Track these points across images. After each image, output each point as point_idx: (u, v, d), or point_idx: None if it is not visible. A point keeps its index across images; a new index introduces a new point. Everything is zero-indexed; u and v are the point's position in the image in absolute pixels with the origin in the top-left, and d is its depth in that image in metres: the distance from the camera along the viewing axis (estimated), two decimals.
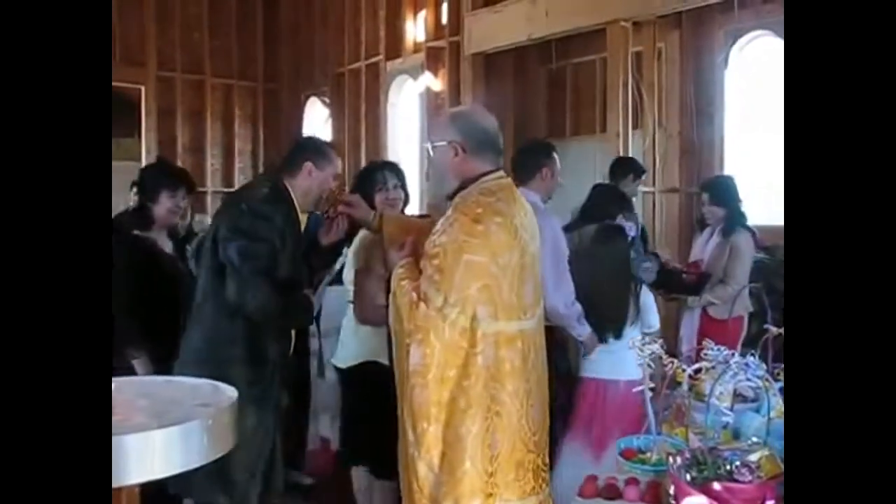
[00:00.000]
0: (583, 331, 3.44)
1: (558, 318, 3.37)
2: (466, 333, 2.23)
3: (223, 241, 2.78)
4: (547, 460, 2.44)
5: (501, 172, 2.44)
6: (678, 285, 4.59)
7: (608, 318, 3.50)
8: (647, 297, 3.69)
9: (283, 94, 11.43)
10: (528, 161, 3.61)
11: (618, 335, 3.48)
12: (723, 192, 4.67)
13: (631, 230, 3.64)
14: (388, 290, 2.45)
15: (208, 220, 10.31)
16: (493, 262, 2.24)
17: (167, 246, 3.48)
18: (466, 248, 2.23)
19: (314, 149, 3.11)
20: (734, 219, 4.55)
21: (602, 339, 3.48)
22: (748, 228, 4.71)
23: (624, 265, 3.55)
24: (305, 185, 2.98)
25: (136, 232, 3.34)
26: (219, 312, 2.80)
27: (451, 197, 2.40)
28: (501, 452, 2.25)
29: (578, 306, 3.44)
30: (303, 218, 3.02)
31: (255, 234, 2.76)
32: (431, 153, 2.47)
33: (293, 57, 11.21)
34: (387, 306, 2.43)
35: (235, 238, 2.76)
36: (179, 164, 10.72)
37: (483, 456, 2.24)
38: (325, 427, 4.72)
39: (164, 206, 3.40)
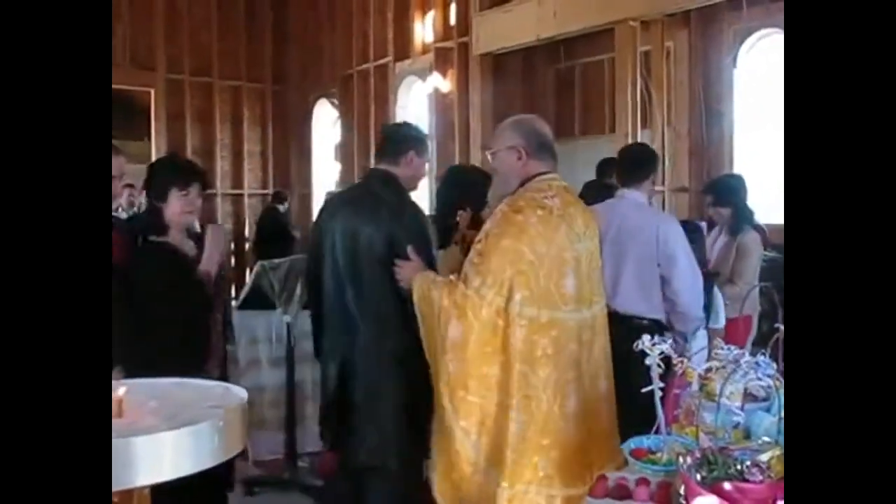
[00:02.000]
0: (693, 339, 3.47)
1: (686, 323, 3.46)
2: (502, 313, 2.38)
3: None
4: (593, 459, 2.43)
5: (555, 175, 2.60)
6: None
7: None
8: (718, 296, 3.70)
9: (292, 96, 11.47)
10: (640, 168, 3.72)
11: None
12: (726, 193, 4.62)
13: None
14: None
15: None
16: (529, 250, 2.38)
17: (188, 247, 3.10)
18: (505, 235, 2.40)
19: (416, 136, 3.23)
20: (741, 217, 4.51)
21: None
22: (757, 227, 4.68)
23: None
24: (409, 173, 3.12)
25: (151, 237, 3.02)
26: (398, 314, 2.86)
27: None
28: (527, 437, 2.36)
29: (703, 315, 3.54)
30: None
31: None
32: (493, 158, 2.66)
33: (301, 58, 11.25)
34: (411, 302, 2.60)
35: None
36: None
37: (511, 433, 2.36)
38: None
39: (175, 205, 3.00)
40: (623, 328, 3.31)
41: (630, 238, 3.46)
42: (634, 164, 3.74)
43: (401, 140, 3.17)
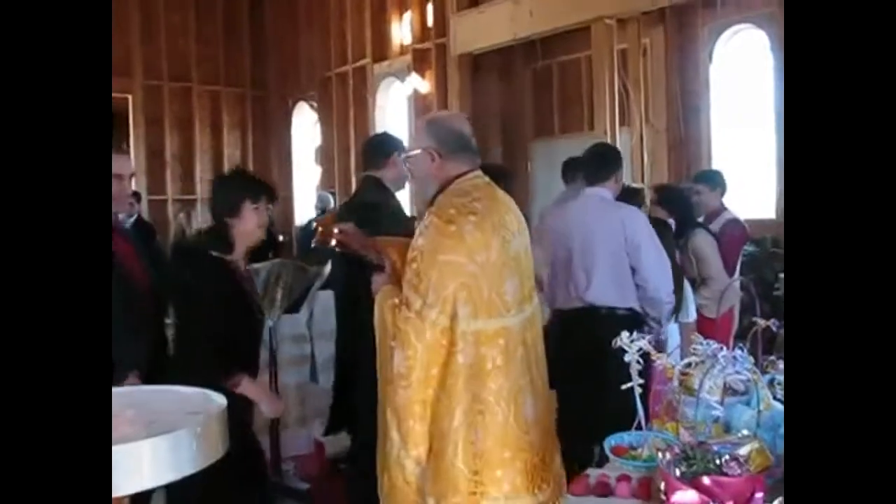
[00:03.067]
0: (667, 324, 3.62)
1: (657, 307, 3.57)
2: (447, 332, 2.24)
3: None
4: (551, 460, 2.40)
5: (478, 172, 2.45)
6: None
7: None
8: (688, 290, 3.76)
9: (271, 100, 11.43)
10: (603, 166, 3.81)
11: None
12: (669, 200, 4.61)
13: None
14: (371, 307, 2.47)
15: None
16: (469, 260, 2.24)
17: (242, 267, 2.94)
18: (441, 249, 2.24)
19: (394, 140, 3.45)
20: (685, 223, 4.49)
21: None
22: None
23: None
24: (394, 174, 3.29)
25: (215, 254, 2.83)
26: None
27: (432, 202, 2.41)
28: (486, 450, 2.24)
29: (673, 298, 3.64)
30: None
31: None
32: (409, 163, 2.50)
33: (280, 62, 11.22)
34: (371, 318, 2.45)
35: None
36: (168, 172, 10.76)
37: (466, 453, 2.24)
38: (318, 432, 4.73)
39: (250, 219, 2.83)
40: (599, 320, 3.51)
41: (598, 233, 3.59)
42: (599, 164, 3.84)
43: (380, 145, 3.34)
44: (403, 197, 3.63)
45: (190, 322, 2.76)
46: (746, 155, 6.33)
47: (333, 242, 2.91)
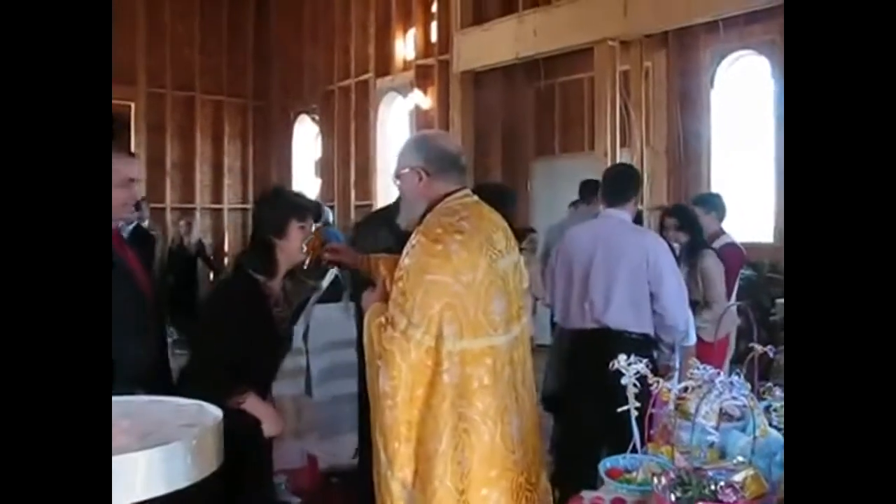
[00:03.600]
0: (679, 351, 3.55)
1: (673, 334, 3.54)
2: (432, 352, 2.23)
3: None
4: (538, 479, 2.39)
5: (467, 191, 2.45)
6: None
7: None
8: (689, 315, 3.77)
9: (273, 112, 11.46)
10: (625, 188, 3.76)
11: None
12: (688, 218, 4.62)
13: None
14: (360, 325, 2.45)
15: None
16: (455, 280, 2.24)
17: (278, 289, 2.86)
18: (427, 269, 2.23)
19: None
20: (697, 243, 4.49)
21: None
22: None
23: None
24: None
25: (255, 276, 2.75)
26: None
27: (420, 221, 2.40)
28: (472, 470, 2.24)
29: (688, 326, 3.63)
30: None
31: None
32: (397, 182, 2.48)
33: (283, 74, 11.26)
34: (361, 336, 2.44)
35: None
36: (168, 180, 10.78)
37: (453, 473, 2.23)
38: (311, 445, 4.71)
39: (296, 239, 2.75)
40: (614, 343, 3.41)
41: (619, 257, 3.55)
42: (619, 185, 3.80)
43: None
44: None
45: (209, 335, 2.74)
46: (745, 179, 6.35)
47: (326, 259, 2.87)
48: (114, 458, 1.32)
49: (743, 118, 6.47)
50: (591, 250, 3.62)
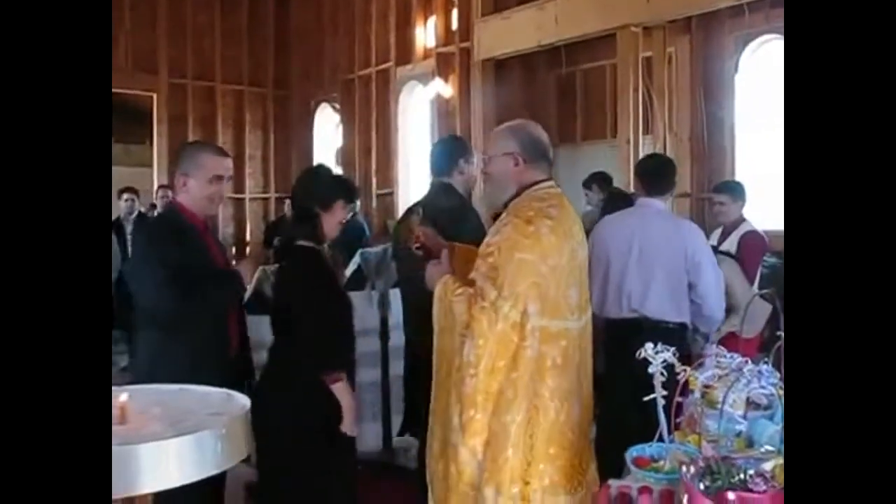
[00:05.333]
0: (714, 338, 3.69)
1: (709, 324, 3.71)
2: (517, 327, 2.36)
3: None
4: (587, 466, 2.51)
5: (552, 182, 2.59)
6: None
7: None
8: None
9: (294, 101, 11.48)
10: (665, 179, 3.90)
11: None
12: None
13: None
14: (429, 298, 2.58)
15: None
16: (542, 261, 2.37)
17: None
18: (518, 247, 2.36)
19: (464, 147, 3.68)
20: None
21: None
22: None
23: None
24: (463, 179, 3.56)
25: (309, 244, 3.00)
26: None
27: (506, 204, 2.55)
28: (536, 445, 2.37)
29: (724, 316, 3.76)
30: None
31: None
32: (487, 165, 2.62)
33: (303, 63, 11.26)
34: (430, 308, 2.56)
35: None
36: None
37: (525, 445, 2.36)
38: None
39: (339, 216, 3.05)
40: (653, 333, 3.50)
41: (658, 247, 3.64)
42: (659, 175, 3.89)
43: (447, 154, 3.60)
44: None
45: (305, 310, 2.86)
46: (770, 166, 6.28)
47: (416, 244, 3.04)
48: (146, 446, 1.35)
49: (768, 104, 6.38)
50: (629, 240, 3.68)
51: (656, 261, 3.61)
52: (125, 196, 7.79)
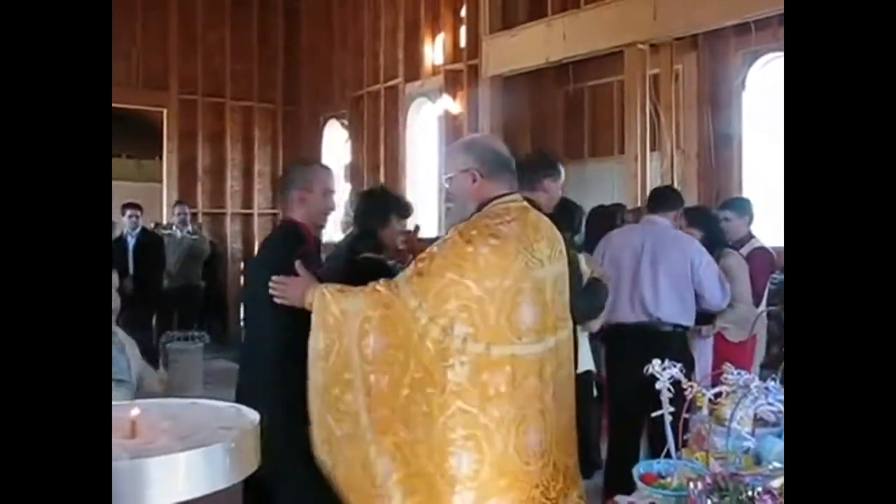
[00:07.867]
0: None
1: (713, 310, 4.17)
2: (436, 343, 2.21)
3: None
4: (558, 494, 2.32)
5: (516, 196, 2.43)
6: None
7: None
8: None
9: (303, 117, 11.54)
10: (670, 199, 4.35)
11: None
12: (698, 217, 4.62)
13: None
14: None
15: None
16: (477, 284, 2.20)
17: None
18: (450, 267, 2.23)
19: (549, 163, 3.74)
20: (713, 241, 4.47)
21: None
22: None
23: None
24: (545, 197, 3.54)
25: (368, 255, 3.27)
26: None
27: None
28: (481, 477, 2.20)
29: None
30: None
31: None
32: (449, 184, 2.48)
33: (312, 79, 11.33)
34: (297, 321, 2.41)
35: None
36: (199, 185, 10.91)
37: (464, 476, 2.21)
38: None
39: (392, 230, 3.41)
40: (663, 335, 3.92)
41: (664, 259, 3.98)
42: (664, 197, 4.35)
43: (534, 169, 3.56)
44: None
45: None
46: (778, 183, 6.28)
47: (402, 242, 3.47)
48: (156, 459, 1.35)
49: (776, 121, 6.39)
50: (639, 249, 4.02)
51: (664, 270, 3.94)
52: (129, 212, 7.79)
